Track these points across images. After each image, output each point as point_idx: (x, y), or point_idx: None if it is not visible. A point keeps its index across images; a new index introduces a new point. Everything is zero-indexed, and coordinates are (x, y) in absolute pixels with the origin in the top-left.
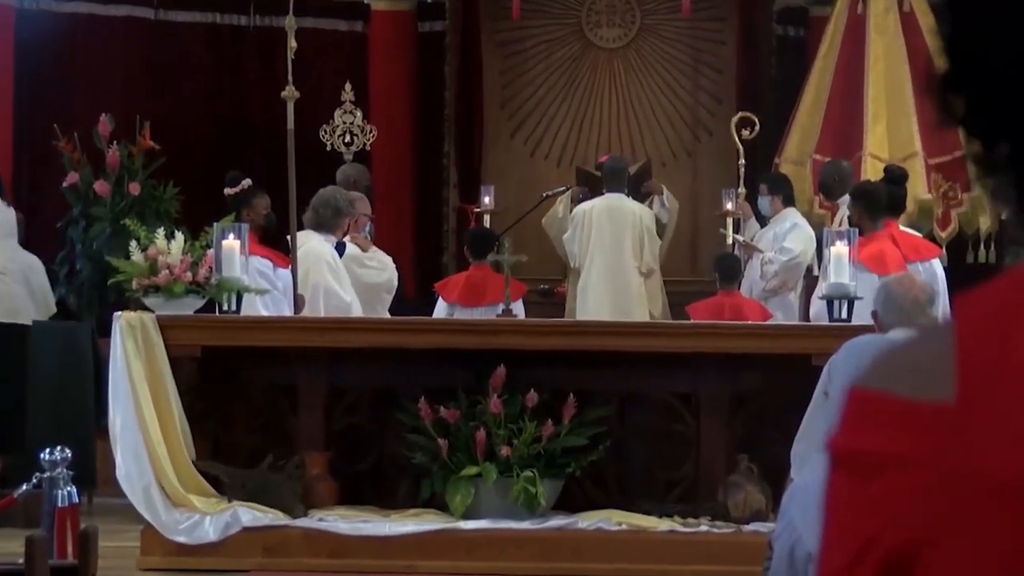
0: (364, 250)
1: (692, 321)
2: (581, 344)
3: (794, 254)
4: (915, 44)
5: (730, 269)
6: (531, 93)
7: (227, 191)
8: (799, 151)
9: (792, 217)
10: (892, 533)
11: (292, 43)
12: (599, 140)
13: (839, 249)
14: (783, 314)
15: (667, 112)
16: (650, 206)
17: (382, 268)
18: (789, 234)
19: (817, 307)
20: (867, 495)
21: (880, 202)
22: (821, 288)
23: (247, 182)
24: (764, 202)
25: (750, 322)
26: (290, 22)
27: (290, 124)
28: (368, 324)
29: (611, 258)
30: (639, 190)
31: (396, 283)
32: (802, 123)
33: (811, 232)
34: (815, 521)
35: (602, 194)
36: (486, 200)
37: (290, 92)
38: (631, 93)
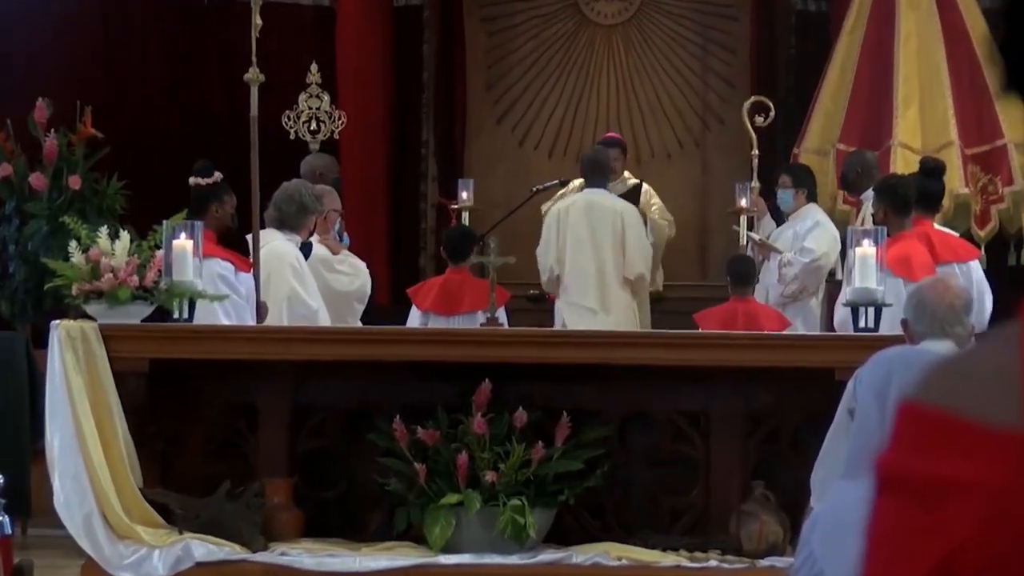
0: (334, 253)
1: (701, 331)
2: (576, 357)
3: (816, 255)
4: (951, 20)
5: (744, 272)
6: (520, 75)
7: (197, 181)
8: (821, 140)
9: (814, 214)
10: (954, 567)
11: (257, 19)
12: (596, 127)
13: (865, 250)
14: (803, 323)
15: (673, 97)
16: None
17: (354, 274)
18: (811, 233)
19: (841, 315)
20: (926, 523)
21: (907, 197)
22: (845, 294)
23: (219, 174)
24: (787, 196)
25: (766, 332)
26: None
27: (253, 110)
28: (337, 335)
29: (588, 266)
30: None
31: (368, 291)
32: (824, 109)
33: (835, 231)
34: (839, 554)
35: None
36: (464, 196)
37: (254, 75)
38: (632, 75)
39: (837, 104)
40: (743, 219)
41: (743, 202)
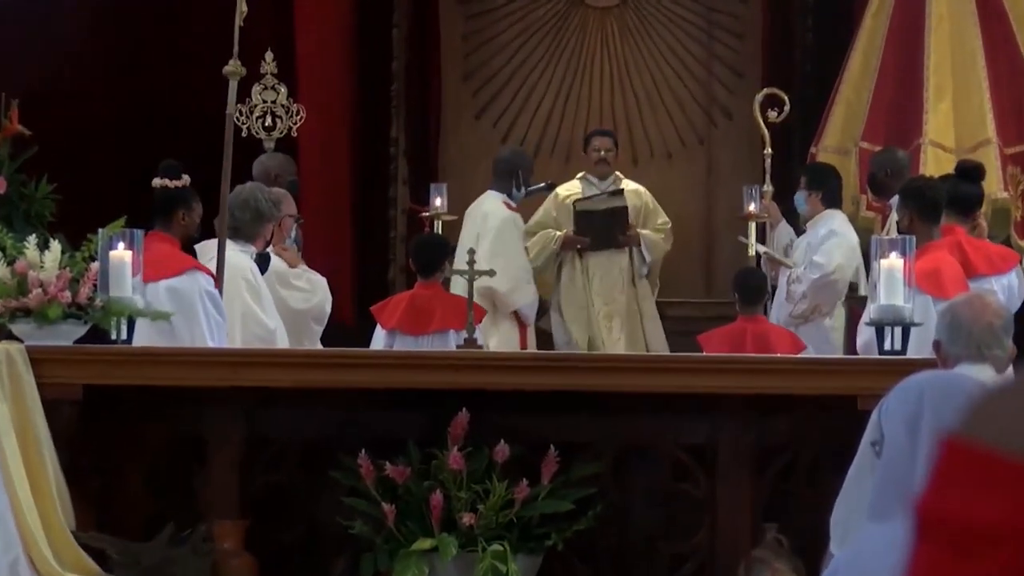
0: (292, 265)
1: (705, 354)
2: (565, 382)
3: (827, 271)
4: (989, 2)
5: (753, 288)
6: (503, 63)
7: (164, 183)
8: (842, 138)
9: (830, 222)
10: None
11: (242, 6)
12: (588, 122)
13: (891, 262)
14: (815, 345)
15: (674, 88)
16: (631, 259)
17: (311, 290)
18: (823, 244)
19: (865, 336)
20: (973, 573)
21: (935, 202)
22: (869, 312)
23: (187, 177)
24: (800, 199)
25: (779, 355)
26: None
27: (231, 107)
28: (295, 358)
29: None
30: (613, 234)
31: (328, 310)
32: (846, 102)
33: (854, 241)
34: None
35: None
36: (437, 202)
37: (235, 67)
38: (629, 64)
39: (860, 97)
40: (752, 227)
41: (752, 207)
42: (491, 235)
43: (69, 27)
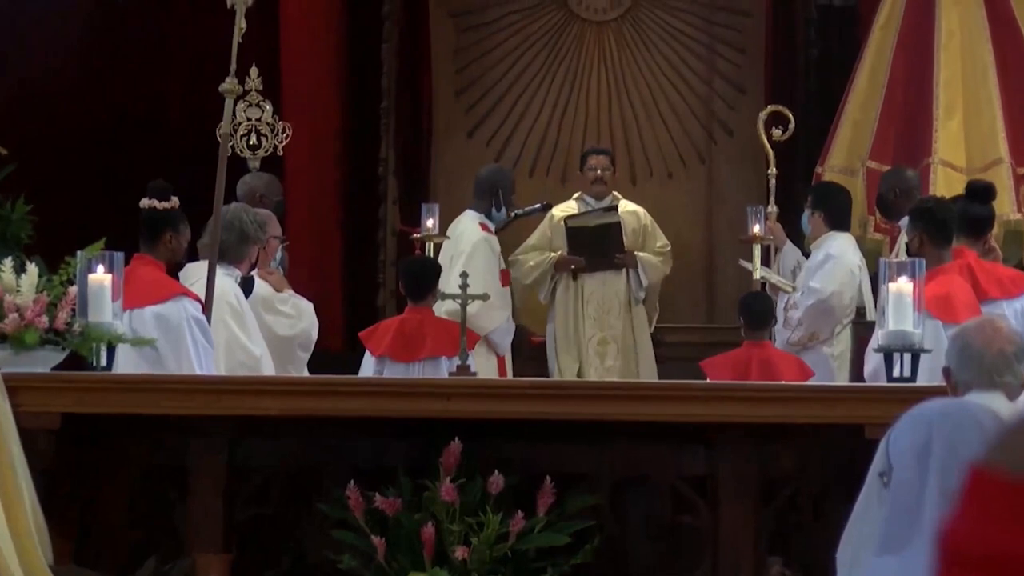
0: (278, 290)
1: (707, 381)
2: (561, 411)
3: (822, 296)
4: (1001, 14)
5: (759, 313)
6: (496, 79)
7: (152, 204)
8: (848, 157)
9: (829, 245)
10: None
11: (241, 23)
12: (584, 140)
13: (900, 286)
14: (816, 373)
15: (674, 105)
16: (628, 282)
17: (296, 316)
18: (819, 269)
19: (872, 362)
20: None
21: (946, 223)
22: (877, 338)
23: (176, 199)
24: (803, 219)
25: (782, 382)
26: None
27: (225, 127)
28: (280, 385)
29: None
30: (607, 252)
31: (314, 336)
32: (852, 119)
33: (852, 264)
34: None
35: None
36: (429, 223)
37: (232, 85)
38: (627, 79)
39: (867, 114)
40: (756, 250)
41: (756, 229)
42: (462, 258)
43: (44, 42)
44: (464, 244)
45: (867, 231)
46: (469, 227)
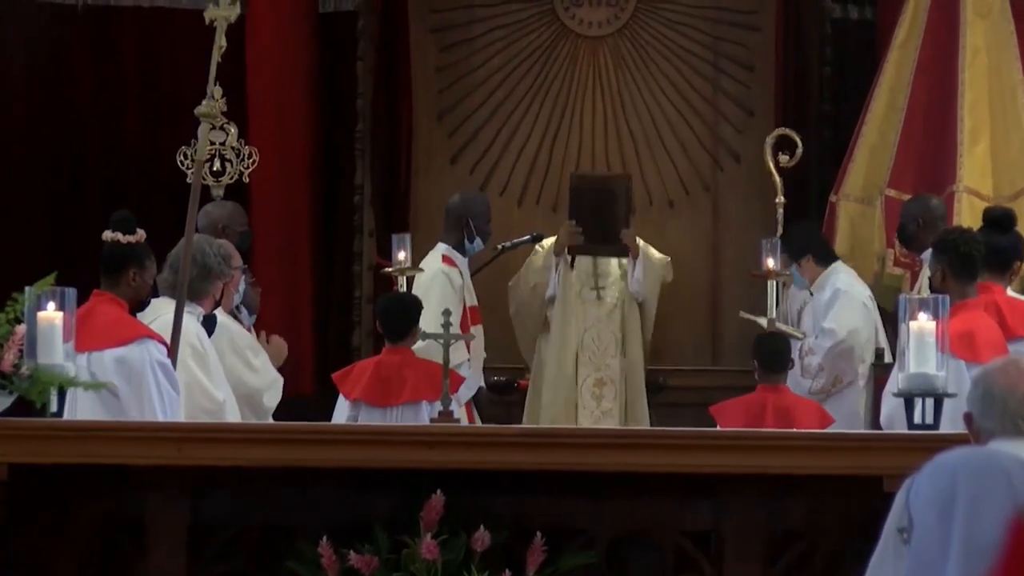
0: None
1: (712, 429)
2: (553, 461)
3: (839, 337)
4: None
5: (775, 354)
6: (481, 100)
7: (116, 237)
8: (865, 185)
9: (833, 280)
10: None
11: (221, 41)
12: (578, 166)
13: (921, 324)
14: (844, 420)
15: (675, 127)
16: (622, 317)
17: (263, 372)
18: (830, 308)
19: (890, 407)
20: None
21: (970, 256)
22: (896, 380)
23: (143, 232)
24: (795, 274)
25: (793, 430)
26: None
27: (201, 152)
28: (247, 433)
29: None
30: (613, 222)
31: (279, 396)
32: (869, 144)
33: (862, 296)
34: None
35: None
36: (401, 255)
37: (210, 108)
38: (624, 100)
39: (886, 138)
40: (771, 288)
41: (771, 263)
42: (419, 291)
43: None
44: (422, 277)
45: (886, 265)
46: (430, 260)
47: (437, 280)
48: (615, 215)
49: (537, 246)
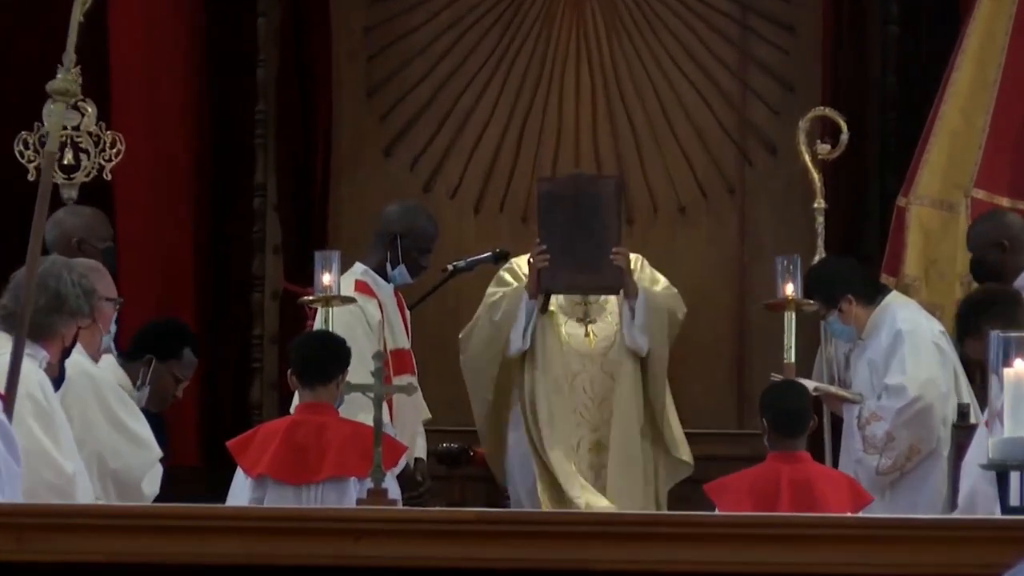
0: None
1: (718, 513)
2: (523, 556)
3: (910, 396)
4: None
5: (791, 413)
6: (424, 71)
7: None
8: (943, 184)
9: (891, 319)
10: None
11: (79, 14)
12: (556, 164)
13: (1021, 372)
14: (921, 502)
15: (689, 109)
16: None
17: (146, 443)
18: (891, 358)
19: (976, 483)
20: None
21: None
22: (985, 448)
23: None
24: (834, 324)
25: (832, 515)
26: None
27: (52, 144)
28: (113, 518)
29: None
30: (600, 240)
31: (159, 476)
32: (950, 131)
33: (932, 334)
34: None
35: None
36: (325, 279)
37: (67, 82)
38: (620, 73)
39: (972, 122)
40: (790, 322)
41: (790, 290)
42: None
43: None
44: (343, 325)
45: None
46: (342, 284)
47: (345, 316)
48: (602, 230)
49: (504, 272)
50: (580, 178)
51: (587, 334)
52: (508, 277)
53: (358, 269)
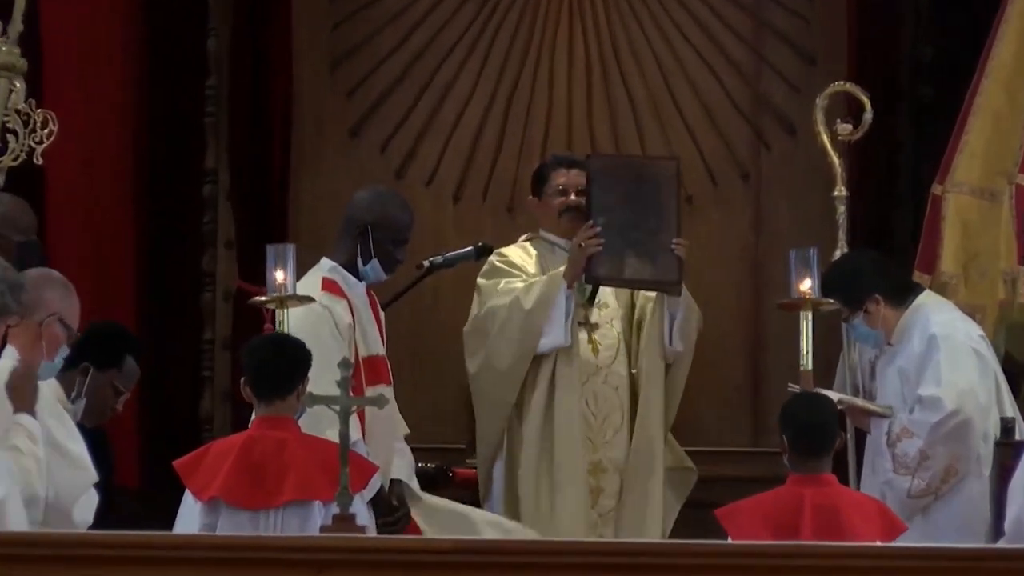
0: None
1: (730, 543)
2: None
3: (946, 409)
4: None
5: (813, 429)
6: (396, 42)
7: None
8: (983, 171)
9: (920, 323)
10: None
11: None
12: (545, 146)
13: None
14: (960, 527)
15: (697, 85)
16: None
17: (81, 465)
18: (925, 367)
19: (1021, 506)
20: None
21: None
22: None
23: None
24: (859, 327)
25: (861, 544)
26: None
27: None
28: (49, 547)
29: None
30: (659, 222)
31: (94, 504)
32: (992, 110)
33: (972, 339)
34: None
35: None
36: (279, 276)
37: (12, 55)
38: (618, 45)
39: (1016, 102)
40: (806, 325)
41: (806, 286)
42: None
43: None
44: (293, 313)
45: (1018, 289)
46: (307, 283)
47: (310, 316)
48: (660, 218)
49: (498, 262)
50: (634, 159)
51: (590, 341)
52: (507, 266)
53: (325, 266)
